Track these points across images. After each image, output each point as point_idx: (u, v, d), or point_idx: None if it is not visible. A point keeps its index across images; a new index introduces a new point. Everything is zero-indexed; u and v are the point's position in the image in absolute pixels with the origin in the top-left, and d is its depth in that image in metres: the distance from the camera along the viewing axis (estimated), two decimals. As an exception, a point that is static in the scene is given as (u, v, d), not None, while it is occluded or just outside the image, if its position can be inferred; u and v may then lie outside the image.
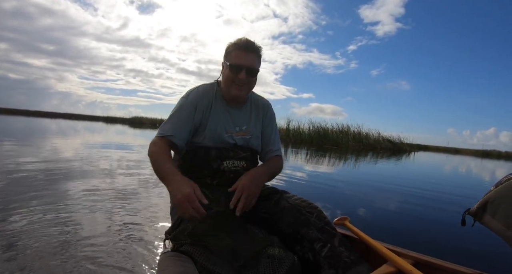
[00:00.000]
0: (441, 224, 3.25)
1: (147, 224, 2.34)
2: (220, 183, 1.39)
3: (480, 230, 1.21)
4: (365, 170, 8.41)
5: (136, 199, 3.00)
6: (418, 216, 3.48)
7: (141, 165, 5.26)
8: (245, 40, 1.42)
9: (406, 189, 5.41)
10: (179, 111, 1.41)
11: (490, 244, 2.41)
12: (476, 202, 1.16)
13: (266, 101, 1.65)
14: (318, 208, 1.33)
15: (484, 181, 8.78)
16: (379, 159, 13.51)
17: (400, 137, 26.34)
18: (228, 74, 1.40)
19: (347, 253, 1.18)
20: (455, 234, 2.81)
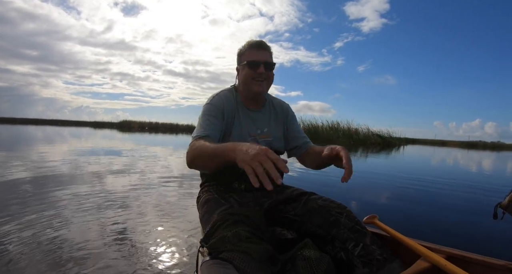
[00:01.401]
0: (465, 216, 3.33)
1: (148, 229, 2.29)
2: (248, 187, 1.43)
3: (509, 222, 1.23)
4: (367, 164, 8.41)
5: (130, 205, 2.96)
6: (440, 209, 3.55)
7: (131, 170, 5.20)
8: (256, 40, 1.48)
9: (418, 182, 5.51)
10: (207, 115, 1.40)
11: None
12: (494, 196, 1.20)
13: (284, 102, 1.68)
14: (347, 208, 1.34)
15: (492, 174, 8.90)
16: (370, 154, 13.60)
17: (389, 131, 26.59)
18: (247, 72, 1.43)
19: (379, 251, 1.19)
20: (482, 226, 2.87)
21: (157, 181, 4.33)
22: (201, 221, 1.37)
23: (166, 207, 2.97)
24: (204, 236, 1.16)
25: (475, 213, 3.50)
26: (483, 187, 5.69)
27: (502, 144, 54.10)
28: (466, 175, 8.08)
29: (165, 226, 2.43)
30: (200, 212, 1.41)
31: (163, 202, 3.16)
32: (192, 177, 4.81)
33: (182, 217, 2.67)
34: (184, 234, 2.27)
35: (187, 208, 2.99)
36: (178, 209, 2.93)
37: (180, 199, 3.35)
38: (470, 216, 3.25)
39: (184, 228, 2.38)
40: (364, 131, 24.74)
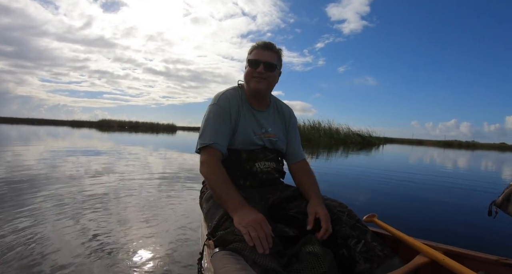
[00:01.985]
0: (460, 214, 3.41)
1: (126, 232, 2.24)
2: (253, 184, 1.47)
3: (503, 219, 1.29)
4: (349, 162, 8.56)
5: (111, 207, 2.90)
6: (434, 207, 3.65)
7: (111, 170, 5.11)
8: (264, 41, 1.52)
9: (409, 181, 5.59)
10: (214, 118, 1.43)
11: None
12: (489, 195, 1.25)
13: (288, 107, 1.72)
14: (348, 207, 1.38)
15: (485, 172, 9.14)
16: (351, 152, 13.79)
17: (368, 131, 27.17)
18: (248, 70, 1.48)
19: (380, 247, 1.24)
20: (476, 224, 2.96)
21: (138, 181, 4.26)
22: (206, 215, 1.38)
23: (148, 207, 2.93)
24: (211, 229, 1.18)
25: (467, 211, 3.63)
26: (475, 185, 5.90)
27: (477, 143, 55.95)
28: (456, 174, 8.28)
29: (149, 226, 2.39)
30: (205, 207, 1.43)
31: (145, 202, 3.11)
32: (173, 177, 4.78)
33: (167, 216, 2.65)
34: (171, 232, 2.25)
35: (171, 207, 2.96)
36: (162, 208, 2.90)
37: (162, 198, 3.31)
38: (464, 214, 3.38)
39: (170, 227, 2.36)
40: (344, 130, 25.18)
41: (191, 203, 3.18)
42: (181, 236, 2.22)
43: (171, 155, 8.78)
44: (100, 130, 27.69)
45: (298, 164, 1.60)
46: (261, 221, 1.10)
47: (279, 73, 1.57)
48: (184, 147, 13.74)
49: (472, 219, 3.23)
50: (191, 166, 6.33)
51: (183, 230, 2.35)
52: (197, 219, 2.58)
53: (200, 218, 2.46)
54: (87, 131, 25.48)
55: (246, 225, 1.08)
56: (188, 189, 3.90)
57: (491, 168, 11.68)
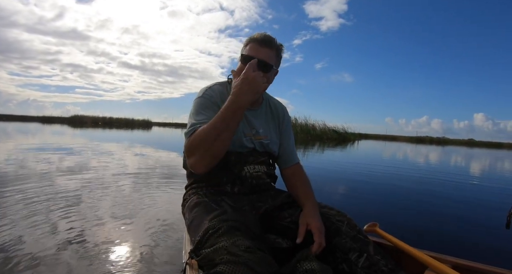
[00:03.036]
0: (467, 222, 3.17)
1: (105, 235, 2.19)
2: (241, 190, 1.32)
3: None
4: (329, 159, 8.68)
5: (83, 207, 2.82)
6: (437, 214, 3.39)
7: (84, 168, 4.99)
8: (264, 34, 1.33)
9: (404, 182, 5.65)
10: (201, 109, 1.27)
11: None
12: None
13: (282, 105, 1.56)
14: (348, 215, 1.25)
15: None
16: (327, 148, 13.99)
17: (344, 127, 27.62)
18: (239, 67, 1.30)
19: (384, 261, 1.12)
20: (488, 233, 2.76)
21: (113, 179, 4.18)
22: (189, 228, 1.23)
23: (124, 207, 2.85)
24: (194, 245, 1.02)
25: (475, 217, 3.39)
26: (481, 186, 5.74)
27: (447, 139, 58.33)
28: (449, 172, 8.35)
29: (125, 230, 2.30)
30: (188, 218, 1.27)
31: (120, 202, 3.03)
32: (150, 174, 4.72)
33: (144, 220, 2.54)
34: (148, 240, 2.14)
35: (147, 206, 2.91)
36: (138, 209, 2.82)
37: (138, 198, 3.24)
38: (471, 221, 3.16)
39: (147, 234, 2.25)
40: (321, 126, 25.50)
41: (168, 202, 3.14)
42: (159, 240, 2.14)
43: (147, 152, 8.62)
44: (72, 127, 26.86)
45: (291, 168, 1.46)
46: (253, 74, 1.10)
47: (275, 73, 1.39)
48: (160, 143, 13.54)
49: (482, 227, 2.97)
50: (167, 163, 6.26)
51: (161, 232, 2.28)
52: (175, 218, 2.55)
53: (178, 221, 2.45)
54: (59, 127, 24.67)
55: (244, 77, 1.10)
56: (164, 187, 3.86)
57: (492, 166, 11.65)
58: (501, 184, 6.38)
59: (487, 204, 4.11)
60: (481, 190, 5.37)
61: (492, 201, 4.36)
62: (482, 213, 3.59)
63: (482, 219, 3.26)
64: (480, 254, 2.25)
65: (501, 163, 13.42)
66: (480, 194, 4.85)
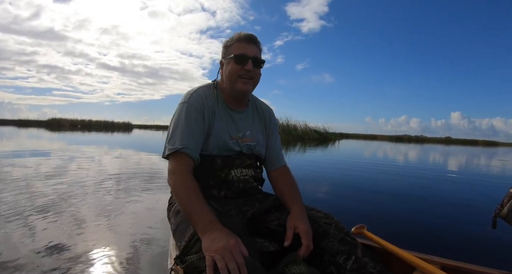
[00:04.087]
0: (454, 221, 3.21)
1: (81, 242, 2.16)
2: (228, 194, 1.30)
3: (503, 229, 1.21)
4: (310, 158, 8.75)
5: (62, 213, 2.77)
6: (424, 214, 3.44)
7: (62, 173, 4.91)
8: (246, 32, 1.33)
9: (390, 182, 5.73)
10: (184, 118, 1.24)
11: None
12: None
13: (268, 107, 1.55)
14: (335, 218, 1.25)
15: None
16: (308, 148, 14.13)
17: (325, 127, 27.95)
18: (233, 67, 1.28)
19: (372, 263, 1.12)
20: (477, 234, 2.77)
21: (93, 184, 4.11)
22: (174, 233, 1.21)
23: (105, 212, 2.82)
24: (180, 252, 1.00)
25: (462, 217, 3.42)
26: (467, 186, 5.79)
27: (425, 138, 60.11)
28: (431, 171, 8.45)
29: (107, 236, 2.27)
30: (173, 222, 1.24)
31: (101, 207, 2.99)
32: (130, 178, 4.67)
33: (126, 225, 2.51)
34: (132, 245, 2.12)
35: (131, 213, 2.86)
36: (120, 214, 2.79)
37: (120, 203, 3.20)
38: (458, 221, 3.20)
39: (130, 239, 2.22)
40: (302, 127, 25.68)
41: (151, 206, 3.11)
42: (143, 245, 2.12)
43: (127, 155, 8.53)
44: (49, 130, 26.17)
45: (278, 170, 1.45)
46: (232, 248, 0.90)
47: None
48: (141, 146, 13.37)
49: (469, 227, 3.01)
50: (149, 166, 6.22)
51: (145, 237, 2.25)
52: (158, 223, 2.54)
53: (162, 225, 2.43)
54: (35, 131, 23.98)
55: (214, 253, 0.89)
56: (146, 190, 3.83)
57: (472, 164, 11.92)
58: (484, 182, 6.52)
59: (473, 203, 4.17)
60: (465, 188, 5.47)
61: (477, 200, 4.43)
62: (469, 212, 3.65)
63: (468, 219, 3.32)
64: (468, 254, 2.28)
65: (480, 160, 13.85)
66: (464, 193, 4.94)
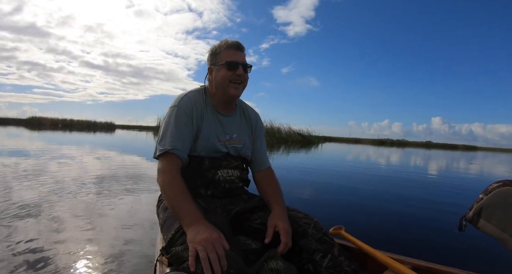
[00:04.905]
0: (431, 225, 3.35)
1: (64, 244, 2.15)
2: (215, 193, 1.37)
3: (472, 234, 1.26)
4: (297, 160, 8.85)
5: (43, 216, 2.73)
6: (402, 218, 3.58)
7: (42, 173, 4.84)
8: (233, 40, 1.42)
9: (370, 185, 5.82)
10: (174, 122, 1.32)
11: (484, 245, 2.55)
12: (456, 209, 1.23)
13: (255, 111, 1.63)
14: (315, 219, 1.32)
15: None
16: (292, 151, 14.24)
17: (308, 130, 28.32)
18: (225, 73, 1.36)
19: (347, 262, 1.18)
20: (448, 237, 2.89)
21: (74, 185, 4.06)
22: (162, 227, 1.28)
23: (87, 214, 2.78)
24: (166, 243, 1.08)
25: (435, 221, 3.56)
26: (442, 191, 5.88)
27: (406, 141, 61.63)
28: (410, 174, 8.68)
29: (91, 238, 2.24)
30: (161, 218, 1.32)
31: (83, 208, 2.96)
32: (113, 178, 4.64)
33: (111, 226, 2.49)
34: (117, 245, 2.12)
35: (115, 214, 2.84)
36: (104, 215, 2.77)
37: (103, 204, 3.18)
38: (432, 224, 3.35)
39: (116, 240, 2.20)
40: (286, 130, 25.92)
41: (133, 208, 3.10)
42: (127, 246, 2.13)
43: (110, 155, 8.42)
44: (29, 129, 25.57)
45: (262, 172, 1.53)
46: (214, 240, 0.97)
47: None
48: (123, 146, 13.23)
49: (441, 229, 3.17)
50: (132, 167, 6.17)
51: (128, 238, 2.25)
52: (144, 222, 2.53)
53: (148, 225, 2.46)
54: (14, 130, 23.38)
55: (197, 244, 0.96)
56: (130, 191, 3.80)
57: (442, 168, 12.13)
58: (456, 185, 6.76)
59: (445, 206, 4.36)
60: (439, 191, 5.70)
61: (451, 203, 4.63)
62: (441, 215, 3.80)
63: (441, 222, 3.48)
64: (438, 255, 2.41)
65: (455, 163, 14.24)
66: (438, 196, 5.15)
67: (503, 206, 1.11)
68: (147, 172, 5.44)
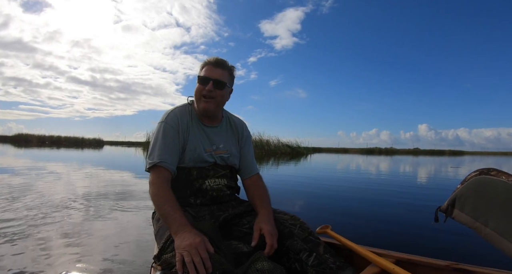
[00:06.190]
0: (413, 221, 3.55)
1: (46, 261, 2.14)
2: (203, 201, 1.45)
3: (452, 225, 1.31)
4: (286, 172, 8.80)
5: (29, 236, 2.67)
6: (387, 214, 3.84)
7: (28, 191, 4.77)
8: (216, 57, 1.50)
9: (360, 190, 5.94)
10: (162, 136, 1.41)
11: (461, 236, 2.70)
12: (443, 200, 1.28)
13: (241, 121, 1.71)
14: (300, 219, 1.38)
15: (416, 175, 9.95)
16: (281, 163, 14.30)
17: (297, 141, 28.57)
18: (197, 87, 1.46)
19: (332, 259, 1.24)
20: (429, 230, 3.03)
21: (61, 203, 4.00)
22: (156, 236, 1.36)
23: (76, 233, 2.71)
24: (158, 251, 1.15)
25: (418, 217, 3.77)
26: (421, 190, 6.44)
27: (394, 149, 62.52)
28: (397, 179, 8.89)
29: (76, 257, 2.18)
30: (155, 227, 1.41)
31: (70, 227, 2.90)
32: (101, 195, 4.60)
33: (97, 246, 2.43)
34: (106, 263, 2.08)
35: (100, 231, 2.80)
36: (90, 233, 2.72)
37: (90, 222, 3.14)
38: (416, 220, 3.56)
39: (103, 259, 2.16)
40: (274, 142, 26.08)
41: (124, 224, 3.07)
42: (118, 265, 2.11)
43: (98, 172, 8.34)
44: (16, 146, 25.17)
45: (251, 179, 1.61)
46: (197, 245, 1.04)
47: (230, 91, 1.57)
48: (112, 163, 13.09)
49: (424, 224, 3.31)
50: (121, 185, 6.10)
51: (119, 256, 2.20)
52: (134, 241, 2.51)
53: (139, 242, 2.44)
54: (0, 147, 23.04)
55: (182, 250, 1.03)
56: (119, 210, 3.76)
57: (425, 172, 12.41)
58: (440, 186, 7.12)
59: (427, 204, 4.63)
60: (422, 193, 6.13)
61: (429, 200, 4.99)
62: (422, 211, 4.07)
63: (422, 217, 3.71)
64: (420, 247, 2.54)
65: (437, 168, 14.39)
66: (422, 196, 5.52)
67: (475, 194, 1.15)
68: (136, 188, 5.43)
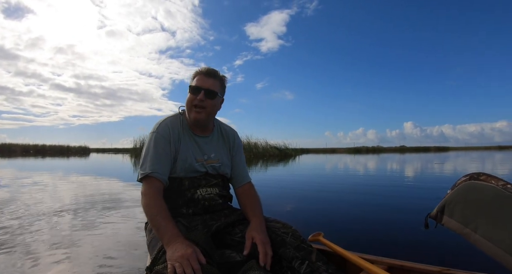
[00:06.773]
0: (404, 227, 3.48)
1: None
2: (195, 211, 1.44)
3: (444, 230, 1.30)
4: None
5: (15, 246, 2.64)
6: (379, 221, 3.74)
7: (11, 202, 4.69)
8: (207, 67, 1.51)
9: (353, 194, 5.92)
10: (154, 147, 1.40)
11: (452, 242, 2.66)
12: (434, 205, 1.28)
13: (232, 130, 1.71)
14: (293, 227, 1.37)
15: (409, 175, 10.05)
16: (270, 165, 14.33)
17: (285, 143, 28.78)
18: (189, 97, 1.46)
19: (324, 267, 1.23)
20: (420, 235, 2.98)
21: (47, 213, 3.94)
22: (148, 247, 1.35)
23: (64, 245, 2.66)
24: (150, 263, 1.14)
25: (406, 221, 3.69)
26: (414, 192, 6.11)
27: (381, 148, 63.34)
28: (384, 180, 8.73)
29: (68, 269, 2.14)
30: (148, 238, 1.40)
31: (57, 237, 2.87)
32: (89, 204, 4.55)
33: (86, 254, 2.42)
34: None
35: (89, 241, 2.76)
36: (79, 245, 2.68)
37: (78, 232, 3.09)
38: (407, 226, 3.48)
39: (95, 267, 2.15)
40: (262, 145, 26.14)
41: (113, 234, 3.02)
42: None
43: (84, 181, 8.22)
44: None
45: (243, 187, 1.60)
46: (189, 256, 1.04)
47: (221, 101, 1.56)
48: (99, 170, 12.92)
49: (413, 229, 3.28)
50: (108, 192, 6.03)
51: (110, 265, 2.19)
52: (124, 252, 2.48)
53: (129, 251, 2.42)
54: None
55: (174, 261, 1.03)
56: (108, 218, 3.72)
57: (416, 171, 12.25)
58: (429, 187, 6.94)
59: (418, 208, 4.52)
60: (413, 195, 5.84)
61: (419, 203, 4.87)
62: (412, 216, 3.98)
63: (411, 222, 3.64)
64: (412, 254, 2.54)
65: (423, 165, 14.60)
66: (412, 199, 5.32)
67: (465, 200, 1.14)
68: (125, 196, 5.39)
